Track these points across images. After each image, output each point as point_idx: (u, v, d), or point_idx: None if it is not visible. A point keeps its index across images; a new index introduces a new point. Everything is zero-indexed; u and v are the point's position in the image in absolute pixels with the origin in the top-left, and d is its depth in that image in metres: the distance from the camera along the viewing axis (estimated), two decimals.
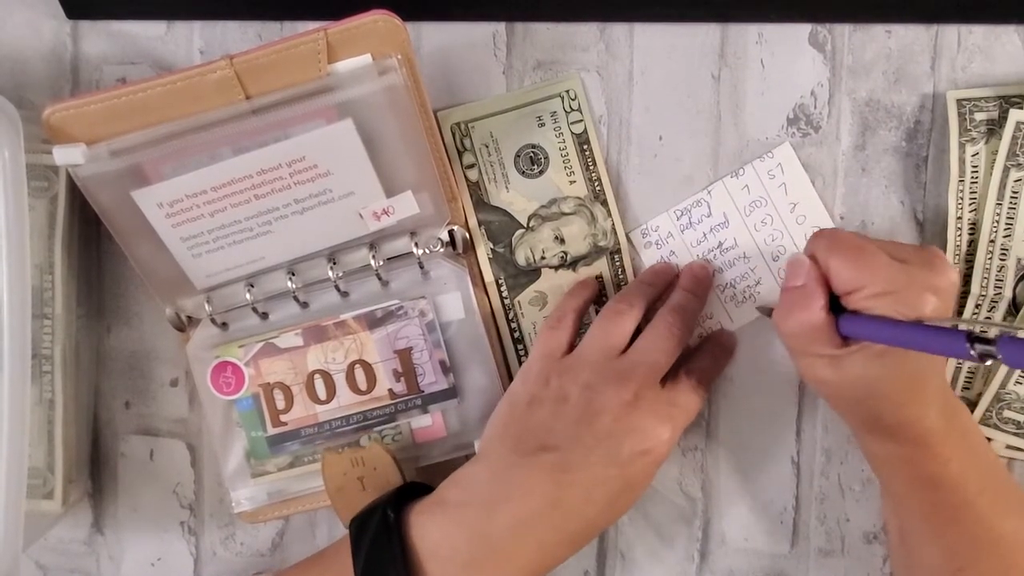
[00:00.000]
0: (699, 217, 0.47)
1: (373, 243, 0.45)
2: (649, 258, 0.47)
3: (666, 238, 0.47)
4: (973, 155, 0.44)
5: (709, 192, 0.46)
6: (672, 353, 0.42)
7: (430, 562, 0.39)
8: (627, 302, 0.43)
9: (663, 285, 0.46)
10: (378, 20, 0.39)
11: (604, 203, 0.46)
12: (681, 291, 0.45)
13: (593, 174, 0.46)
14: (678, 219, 0.47)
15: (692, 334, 0.45)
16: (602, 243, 0.47)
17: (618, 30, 0.46)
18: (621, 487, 0.41)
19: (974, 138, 0.44)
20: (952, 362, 0.45)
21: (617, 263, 0.47)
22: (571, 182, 0.46)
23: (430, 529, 0.40)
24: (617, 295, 0.45)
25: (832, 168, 0.46)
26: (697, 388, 0.43)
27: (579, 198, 0.46)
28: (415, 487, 0.44)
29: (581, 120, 0.46)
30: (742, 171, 0.46)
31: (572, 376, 0.42)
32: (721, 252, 0.47)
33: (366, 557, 0.39)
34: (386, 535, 0.39)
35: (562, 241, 0.47)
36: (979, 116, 0.44)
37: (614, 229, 0.47)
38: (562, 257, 0.47)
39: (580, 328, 0.45)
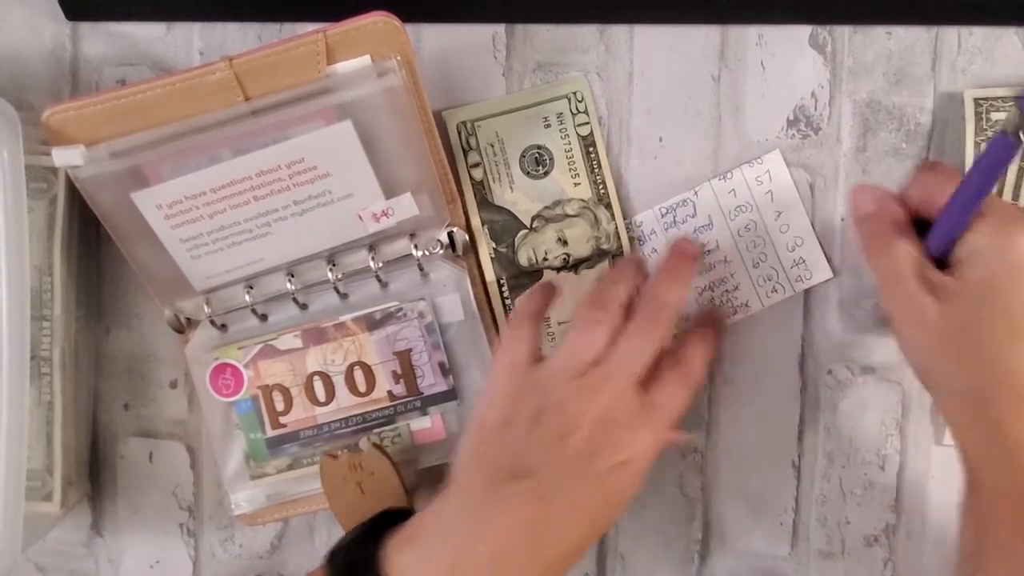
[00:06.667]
0: (684, 217, 0.46)
1: (372, 245, 0.45)
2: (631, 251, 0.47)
3: (649, 234, 0.47)
4: None
5: (696, 193, 0.46)
6: (650, 355, 0.40)
7: None
8: (603, 308, 0.40)
9: (641, 278, 0.43)
10: (377, 22, 0.39)
11: (608, 206, 0.46)
12: (662, 277, 0.42)
13: (598, 177, 0.46)
14: (663, 216, 0.47)
15: (673, 326, 0.41)
16: (605, 246, 0.47)
17: (618, 31, 0.46)
18: (601, 503, 0.39)
19: (990, 137, 0.44)
20: None
21: None
22: (576, 184, 0.46)
23: (408, 564, 0.38)
24: (592, 298, 0.41)
25: (833, 170, 0.46)
26: (686, 378, 0.41)
27: (583, 200, 0.46)
28: (395, 513, 0.42)
29: (587, 123, 0.46)
30: (730, 174, 0.46)
31: (543, 395, 0.39)
32: (703, 254, 0.47)
33: None
34: (362, 572, 0.38)
35: (565, 243, 0.47)
36: (996, 116, 0.44)
37: (617, 233, 0.46)
38: (564, 259, 0.47)
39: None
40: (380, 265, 0.44)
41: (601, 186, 0.46)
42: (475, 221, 0.46)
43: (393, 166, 0.42)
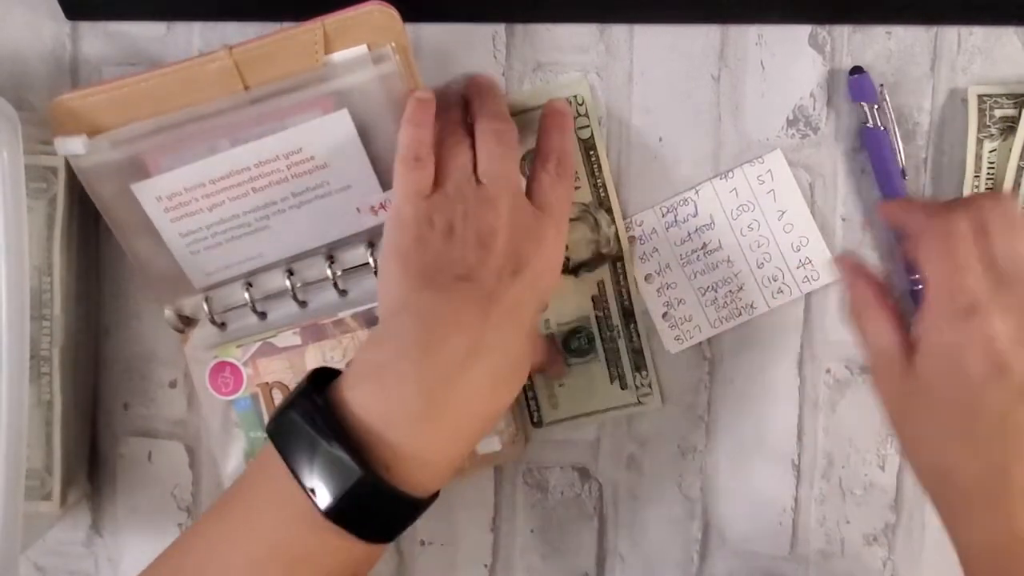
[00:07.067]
0: (685, 216, 0.46)
1: (371, 240, 0.45)
2: (631, 252, 0.47)
3: (650, 233, 0.47)
4: (990, 151, 0.44)
5: (696, 192, 0.46)
6: (516, 157, 0.41)
7: (386, 433, 0.34)
8: (454, 131, 0.41)
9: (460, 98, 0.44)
10: (373, 11, 0.40)
11: (608, 210, 0.46)
12: (480, 101, 0.42)
13: (598, 180, 0.46)
14: (663, 216, 0.46)
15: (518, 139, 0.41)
16: (605, 250, 0.46)
17: (618, 31, 0.46)
18: (535, 309, 0.39)
19: (992, 134, 0.44)
20: None
21: (619, 270, 0.47)
22: (575, 187, 0.46)
23: (369, 398, 0.35)
24: (440, 126, 0.41)
25: (832, 169, 0.46)
26: (560, 170, 0.41)
27: (583, 204, 0.46)
28: (326, 372, 0.38)
29: (588, 126, 0.46)
30: (731, 173, 0.46)
31: (449, 210, 0.39)
32: (705, 254, 0.46)
33: (304, 458, 0.34)
34: (321, 423, 0.34)
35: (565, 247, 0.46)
36: (999, 113, 0.44)
37: (617, 236, 0.46)
38: (564, 263, 0.46)
39: None
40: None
41: (601, 189, 0.46)
42: None
43: (390, 157, 0.42)
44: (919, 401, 0.37)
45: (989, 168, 0.44)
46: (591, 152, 0.46)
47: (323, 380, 0.37)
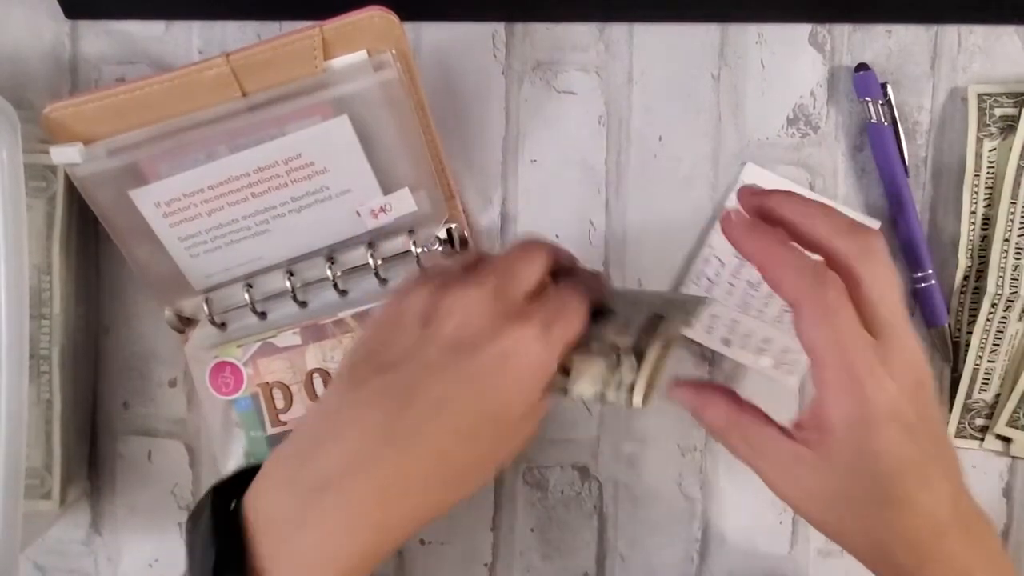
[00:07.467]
0: (714, 271, 0.45)
1: (371, 241, 0.45)
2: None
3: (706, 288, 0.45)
4: (990, 150, 0.44)
5: (710, 246, 0.45)
6: (542, 259, 0.35)
7: (266, 536, 0.33)
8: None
9: None
10: (374, 16, 0.39)
11: (640, 358, 0.35)
12: None
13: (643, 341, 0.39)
14: (697, 281, 0.45)
15: (547, 260, 0.36)
16: (611, 397, 0.35)
17: (618, 30, 0.46)
18: (485, 411, 0.33)
19: (992, 133, 0.44)
20: (970, 366, 0.45)
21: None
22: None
23: (261, 497, 0.34)
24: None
25: (832, 169, 0.46)
26: (572, 289, 0.36)
27: (615, 344, 0.36)
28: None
29: None
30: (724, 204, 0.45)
31: (426, 280, 0.35)
32: (753, 288, 0.45)
33: (197, 554, 0.33)
34: (212, 522, 0.34)
35: (565, 372, 0.36)
36: (999, 112, 0.44)
37: (632, 389, 0.35)
38: (562, 390, 0.36)
39: None
40: (379, 262, 0.44)
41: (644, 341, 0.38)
42: None
43: (390, 161, 0.42)
44: (846, 485, 0.33)
45: (989, 167, 0.44)
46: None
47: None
